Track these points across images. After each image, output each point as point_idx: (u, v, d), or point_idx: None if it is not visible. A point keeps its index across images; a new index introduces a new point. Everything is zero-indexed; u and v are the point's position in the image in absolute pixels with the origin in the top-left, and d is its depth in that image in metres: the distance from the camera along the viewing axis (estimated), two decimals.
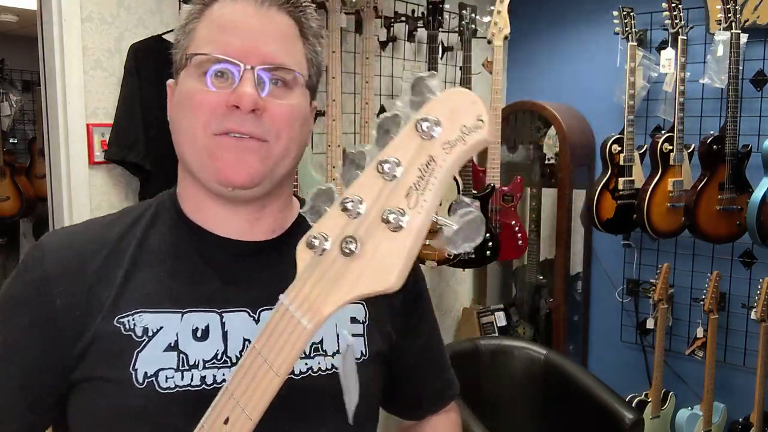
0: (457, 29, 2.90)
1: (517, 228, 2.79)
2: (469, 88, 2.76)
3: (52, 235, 0.83)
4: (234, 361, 0.77)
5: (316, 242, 0.56)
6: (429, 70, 2.75)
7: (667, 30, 2.77)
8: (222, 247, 0.81)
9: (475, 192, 2.67)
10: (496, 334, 3.31)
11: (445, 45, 3.13)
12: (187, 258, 0.81)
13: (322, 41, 0.83)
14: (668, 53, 2.80)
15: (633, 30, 2.77)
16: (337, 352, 0.81)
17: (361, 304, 0.86)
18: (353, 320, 0.85)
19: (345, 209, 0.55)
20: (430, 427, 1.00)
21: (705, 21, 2.83)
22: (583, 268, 3.35)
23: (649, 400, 2.88)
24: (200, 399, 0.69)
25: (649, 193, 2.73)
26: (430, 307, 0.99)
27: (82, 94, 2.02)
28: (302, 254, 0.58)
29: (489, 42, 2.70)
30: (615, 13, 2.81)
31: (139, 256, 0.79)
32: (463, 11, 2.80)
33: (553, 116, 3.14)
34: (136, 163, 2.06)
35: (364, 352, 0.85)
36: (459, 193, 2.68)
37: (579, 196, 3.23)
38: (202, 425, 0.63)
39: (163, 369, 0.75)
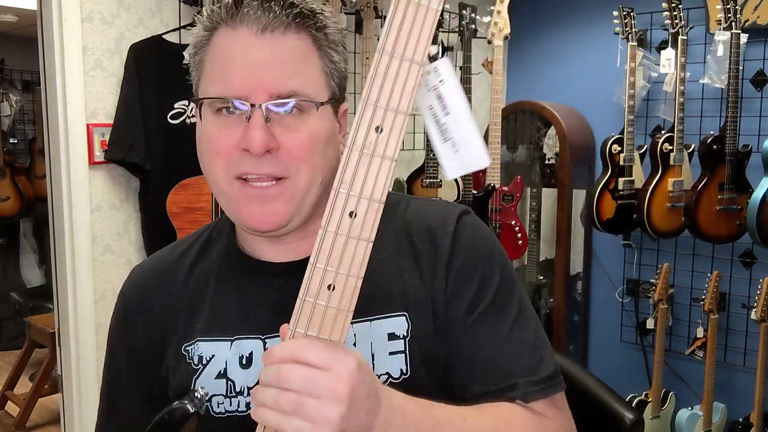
0: (457, 29, 2.90)
1: (517, 228, 2.79)
2: (469, 88, 2.76)
3: (131, 273, 0.91)
4: None
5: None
6: None
7: (667, 30, 2.76)
8: (267, 271, 0.82)
9: (475, 192, 2.67)
10: None
11: (445, 45, 3.12)
12: (236, 285, 0.83)
13: (340, 46, 0.78)
14: (668, 53, 2.80)
15: (633, 30, 2.77)
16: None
17: (404, 315, 0.78)
18: (391, 336, 0.78)
19: None
20: None
21: (705, 21, 2.83)
22: (583, 268, 3.34)
23: (649, 400, 2.88)
24: (246, 424, 0.66)
25: (649, 193, 2.73)
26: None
27: (82, 94, 2.02)
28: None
29: (489, 42, 2.69)
30: (615, 13, 2.81)
31: (195, 283, 0.85)
32: (463, 11, 2.80)
33: (553, 116, 3.14)
34: (136, 163, 2.06)
35: (404, 371, 0.77)
36: (459, 193, 2.67)
37: (579, 196, 3.22)
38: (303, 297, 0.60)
39: (215, 395, 0.80)
